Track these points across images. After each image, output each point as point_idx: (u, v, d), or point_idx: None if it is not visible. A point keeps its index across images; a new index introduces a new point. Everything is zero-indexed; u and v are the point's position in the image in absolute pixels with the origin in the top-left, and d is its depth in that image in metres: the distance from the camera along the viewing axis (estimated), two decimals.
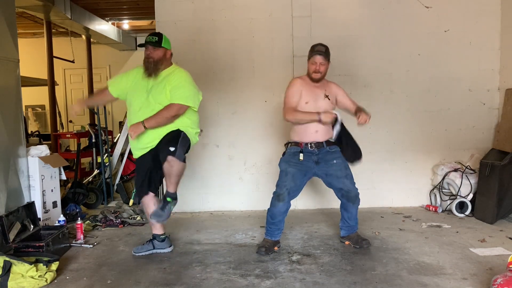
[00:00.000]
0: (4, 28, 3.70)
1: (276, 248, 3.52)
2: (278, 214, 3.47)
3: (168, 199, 3.38)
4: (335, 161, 3.44)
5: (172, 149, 3.27)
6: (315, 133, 3.43)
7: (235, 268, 3.12)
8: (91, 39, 8.84)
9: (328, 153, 3.44)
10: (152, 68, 3.31)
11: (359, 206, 3.54)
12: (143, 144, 3.40)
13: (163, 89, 3.32)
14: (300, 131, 3.47)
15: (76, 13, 7.03)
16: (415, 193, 4.91)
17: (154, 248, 3.51)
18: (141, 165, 3.49)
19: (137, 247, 3.53)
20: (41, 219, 3.92)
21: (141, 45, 3.35)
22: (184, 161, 3.33)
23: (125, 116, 5.74)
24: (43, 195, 4.07)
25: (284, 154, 3.57)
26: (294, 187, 3.45)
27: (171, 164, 3.24)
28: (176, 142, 3.30)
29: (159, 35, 3.36)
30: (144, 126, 3.27)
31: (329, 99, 3.48)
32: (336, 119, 3.39)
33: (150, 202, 3.46)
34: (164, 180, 3.49)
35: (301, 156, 3.42)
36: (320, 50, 3.42)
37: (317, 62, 3.41)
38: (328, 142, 3.46)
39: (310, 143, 3.43)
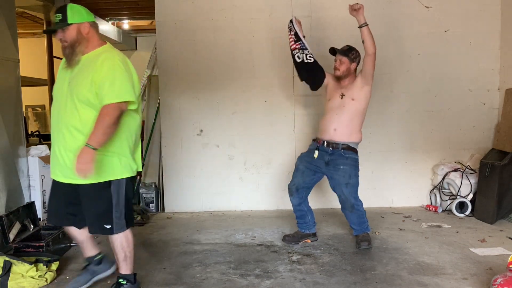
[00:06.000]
0: (4, 28, 3.70)
1: (308, 240, 3.68)
2: (293, 207, 3.68)
3: (121, 280, 2.61)
4: (342, 167, 3.45)
5: (108, 227, 2.46)
6: (334, 131, 3.49)
7: (235, 268, 3.12)
8: None
9: (341, 157, 3.46)
10: (70, 55, 2.42)
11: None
12: (66, 173, 2.43)
13: (84, 79, 2.36)
14: (321, 127, 3.61)
15: None
16: (415, 193, 4.90)
17: (94, 275, 2.75)
18: (60, 188, 2.54)
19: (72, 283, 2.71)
20: (41, 219, 3.92)
21: (47, 32, 2.48)
22: (129, 225, 2.53)
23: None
24: (43, 195, 4.07)
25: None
26: (302, 183, 3.59)
27: (112, 241, 2.54)
28: (110, 212, 2.44)
29: (63, 10, 2.40)
30: (94, 148, 2.28)
31: (341, 98, 3.51)
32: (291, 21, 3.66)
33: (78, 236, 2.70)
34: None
35: (316, 153, 3.52)
36: (342, 48, 3.56)
37: (336, 59, 3.56)
38: (343, 146, 3.46)
39: (327, 142, 3.49)
